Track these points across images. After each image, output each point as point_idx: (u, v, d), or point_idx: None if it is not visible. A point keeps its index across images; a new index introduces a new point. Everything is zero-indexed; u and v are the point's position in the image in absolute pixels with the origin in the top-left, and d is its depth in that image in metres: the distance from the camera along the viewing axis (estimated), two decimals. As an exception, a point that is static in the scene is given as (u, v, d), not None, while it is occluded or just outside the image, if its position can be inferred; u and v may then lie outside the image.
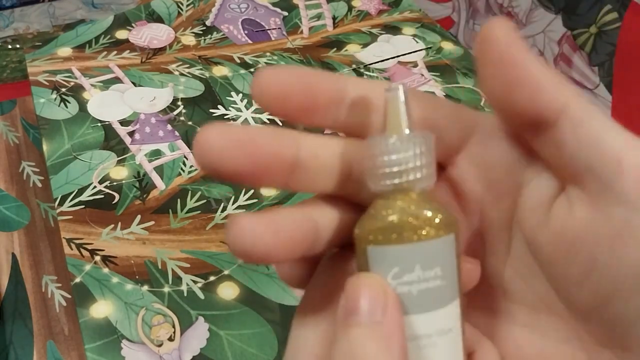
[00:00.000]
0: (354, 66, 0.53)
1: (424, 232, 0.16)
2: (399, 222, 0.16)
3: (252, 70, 0.51)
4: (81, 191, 0.40)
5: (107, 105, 0.46)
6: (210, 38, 0.54)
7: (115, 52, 0.51)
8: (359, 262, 0.17)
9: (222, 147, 0.15)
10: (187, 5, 0.57)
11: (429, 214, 0.16)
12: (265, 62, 0.52)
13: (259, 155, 0.15)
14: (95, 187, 0.41)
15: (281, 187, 0.16)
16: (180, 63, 0.51)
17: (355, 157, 0.17)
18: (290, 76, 0.16)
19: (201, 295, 0.35)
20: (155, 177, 0.42)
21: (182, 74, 0.50)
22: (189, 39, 0.54)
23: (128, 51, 0.51)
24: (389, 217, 0.16)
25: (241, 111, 0.47)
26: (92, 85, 0.48)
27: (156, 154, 0.43)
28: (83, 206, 0.39)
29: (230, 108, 0.48)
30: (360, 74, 0.52)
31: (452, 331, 0.16)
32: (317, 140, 0.17)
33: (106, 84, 0.48)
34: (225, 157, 0.15)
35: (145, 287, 0.35)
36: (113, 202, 0.40)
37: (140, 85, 0.48)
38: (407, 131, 0.16)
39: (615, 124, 0.15)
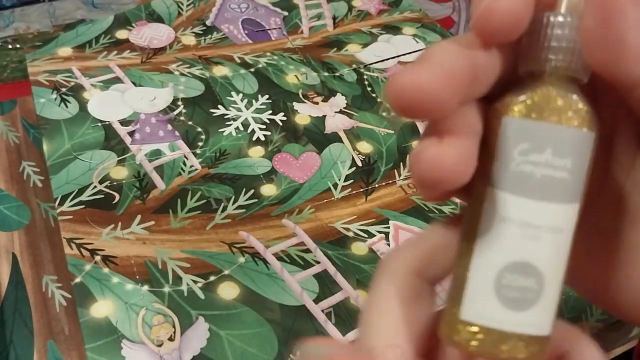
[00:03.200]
0: (354, 66, 0.53)
1: (566, 117, 0.15)
2: (545, 99, 0.15)
3: (252, 70, 0.51)
4: (81, 191, 0.40)
5: (107, 105, 0.46)
6: (211, 38, 0.54)
7: (115, 52, 0.51)
8: (489, 136, 0.16)
9: (416, 80, 0.15)
10: (188, 5, 0.57)
11: (579, 103, 0.15)
12: (266, 62, 0.52)
13: (447, 74, 0.15)
14: (95, 187, 0.41)
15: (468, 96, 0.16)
16: (181, 63, 0.51)
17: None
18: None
19: (201, 295, 0.35)
20: (156, 177, 0.42)
21: (182, 74, 0.50)
22: (189, 39, 0.54)
23: (128, 51, 0.51)
24: (536, 91, 0.15)
25: (241, 111, 0.47)
26: (92, 85, 0.48)
27: (156, 153, 0.43)
28: (83, 206, 0.39)
29: (230, 108, 0.48)
30: (360, 74, 0.52)
31: (563, 233, 0.16)
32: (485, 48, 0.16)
33: (106, 84, 0.48)
34: (423, 87, 0.15)
35: (146, 287, 0.35)
36: (113, 202, 0.40)
37: (140, 85, 0.48)
38: (578, 14, 0.15)
39: None
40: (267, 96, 0.49)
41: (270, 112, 0.48)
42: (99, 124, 0.45)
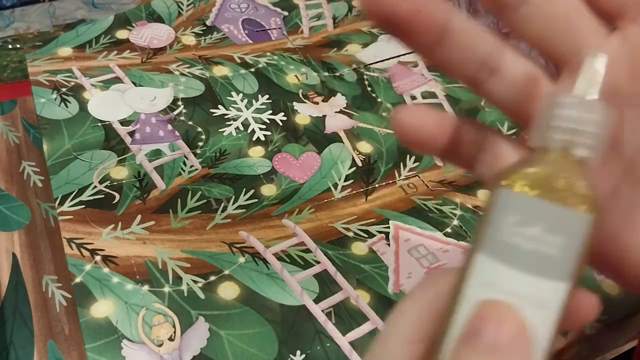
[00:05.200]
0: (354, 66, 0.53)
1: (563, 197, 0.16)
2: (544, 177, 0.16)
3: (252, 70, 0.51)
4: (81, 191, 0.40)
5: (108, 105, 0.46)
6: (211, 38, 0.54)
7: (115, 52, 0.51)
8: (487, 202, 0.17)
9: None
10: (188, 5, 0.57)
11: (579, 183, 0.16)
12: (266, 62, 0.52)
13: (421, 2, 0.18)
14: (95, 187, 0.41)
15: (429, 46, 0.19)
16: (181, 63, 0.51)
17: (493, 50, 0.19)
18: None
19: (201, 295, 0.35)
20: (156, 177, 0.42)
21: (182, 74, 0.50)
22: (189, 39, 0.54)
23: (128, 51, 0.51)
24: (539, 168, 0.16)
25: (241, 111, 0.47)
26: (92, 85, 0.48)
27: (156, 153, 0.43)
28: (83, 206, 0.39)
29: (230, 108, 0.48)
30: (360, 74, 0.52)
31: (546, 310, 0.16)
32: (467, 22, 0.19)
33: (106, 84, 0.48)
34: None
35: (146, 287, 0.35)
36: (113, 202, 0.40)
37: (140, 85, 0.48)
38: (595, 97, 0.16)
39: None
40: (267, 96, 0.49)
41: (271, 112, 0.48)
42: (99, 124, 0.45)
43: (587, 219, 0.16)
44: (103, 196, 0.40)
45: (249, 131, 0.46)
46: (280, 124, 0.47)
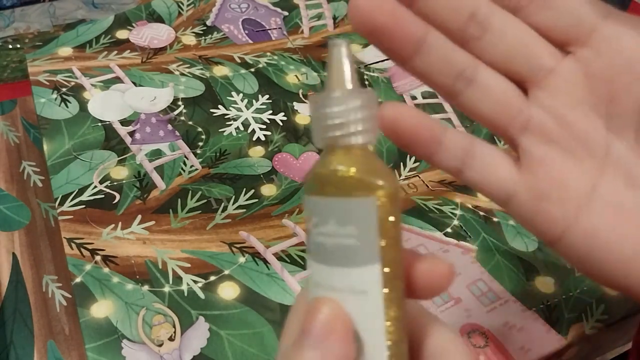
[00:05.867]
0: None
1: (342, 188, 0.16)
2: (323, 175, 0.17)
3: (252, 70, 0.51)
4: (82, 191, 0.40)
5: (108, 105, 0.46)
6: (211, 38, 0.54)
7: (115, 52, 0.51)
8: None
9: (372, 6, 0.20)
10: (188, 5, 0.57)
11: (352, 171, 0.16)
12: (266, 62, 0.52)
13: (398, 16, 0.20)
14: (95, 187, 0.41)
15: (407, 54, 0.21)
16: (181, 63, 0.51)
17: None
18: None
19: (202, 295, 0.35)
20: (156, 177, 0.42)
21: (182, 74, 0.50)
22: (189, 39, 0.54)
23: (128, 51, 0.51)
24: (318, 168, 0.17)
25: (242, 111, 0.47)
26: (92, 85, 0.48)
27: (156, 153, 0.43)
28: (83, 206, 0.39)
29: (230, 108, 0.48)
30: (360, 74, 0.52)
31: (368, 294, 0.16)
32: (443, 37, 0.21)
33: (107, 84, 0.48)
34: (373, 12, 0.20)
35: (146, 287, 0.35)
36: (113, 202, 0.40)
37: (140, 85, 0.48)
38: (348, 86, 0.17)
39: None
40: (267, 96, 0.49)
41: (271, 112, 0.48)
42: (99, 124, 0.45)
43: (372, 202, 0.16)
44: (103, 196, 0.40)
45: (249, 131, 0.46)
46: (281, 124, 0.47)
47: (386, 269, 0.16)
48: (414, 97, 0.51)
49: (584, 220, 0.20)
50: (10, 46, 0.53)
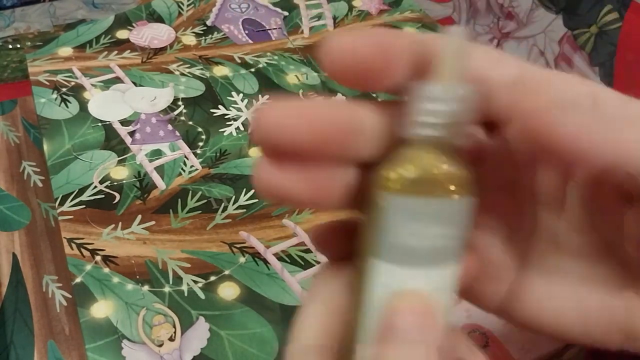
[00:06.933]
0: (354, 66, 0.53)
1: (442, 189, 0.16)
2: (421, 174, 0.16)
3: (252, 70, 0.51)
4: (82, 191, 0.40)
5: (108, 105, 0.46)
6: (211, 38, 0.54)
7: (115, 52, 0.51)
8: (370, 211, 0.16)
9: (281, 120, 0.15)
10: (188, 5, 0.57)
11: (455, 171, 0.16)
12: (266, 62, 0.52)
13: (317, 124, 0.15)
14: (95, 187, 0.41)
15: (339, 155, 0.16)
16: (181, 63, 0.51)
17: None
18: (362, 40, 0.16)
19: (202, 295, 0.35)
20: (156, 177, 0.42)
21: (182, 74, 0.50)
22: (189, 39, 0.54)
23: (129, 51, 0.51)
24: (414, 167, 0.16)
25: (242, 111, 0.47)
26: (92, 85, 0.48)
27: (157, 153, 0.43)
28: (84, 206, 0.39)
29: (230, 108, 0.48)
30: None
31: (444, 292, 0.16)
32: (370, 105, 0.17)
33: (107, 84, 0.48)
34: (285, 130, 0.15)
35: (146, 287, 0.35)
36: (114, 202, 0.40)
37: (140, 85, 0.48)
38: (454, 82, 0.16)
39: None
40: (267, 96, 0.49)
41: (271, 112, 0.48)
42: (100, 124, 0.45)
43: (468, 202, 0.16)
44: (103, 196, 0.40)
45: (249, 131, 0.46)
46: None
47: (459, 266, 0.17)
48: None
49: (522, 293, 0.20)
50: (10, 46, 0.53)
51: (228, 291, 0.36)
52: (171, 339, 0.33)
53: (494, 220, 0.19)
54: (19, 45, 0.53)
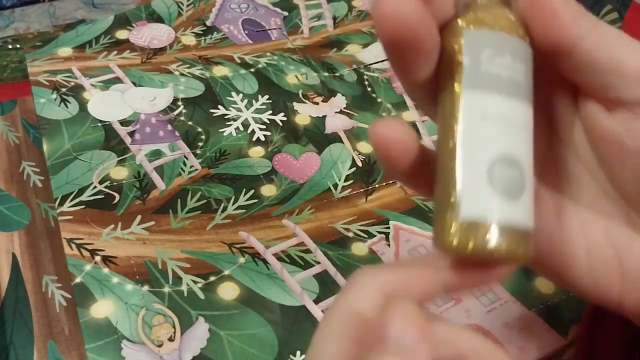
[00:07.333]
0: (354, 66, 0.53)
1: (519, 31, 0.18)
2: (502, 14, 0.18)
3: (252, 70, 0.51)
4: (81, 191, 0.40)
5: (108, 105, 0.46)
6: (211, 38, 0.54)
7: (115, 52, 0.51)
8: (450, 52, 0.18)
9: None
10: (188, 5, 0.57)
11: (518, 20, 0.18)
12: (266, 62, 0.52)
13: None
14: (95, 187, 0.41)
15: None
16: (181, 63, 0.51)
17: None
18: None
19: (201, 296, 0.35)
20: (156, 177, 0.42)
21: (182, 74, 0.50)
22: (189, 39, 0.54)
23: (128, 51, 0.51)
24: (494, 7, 0.18)
25: (241, 111, 0.47)
26: (92, 85, 0.48)
27: (156, 154, 0.43)
28: (83, 206, 0.39)
29: (230, 108, 0.48)
30: (360, 75, 0.52)
31: (527, 130, 0.17)
32: None
33: (106, 84, 0.48)
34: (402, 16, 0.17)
35: (146, 287, 0.35)
36: (113, 202, 0.40)
37: (140, 85, 0.48)
38: None
39: (629, 44, 0.18)
40: (267, 96, 0.49)
41: (270, 112, 0.48)
42: (99, 124, 0.45)
43: (530, 48, 0.18)
44: (103, 196, 0.40)
45: (249, 131, 0.46)
46: (280, 124, 0.47)
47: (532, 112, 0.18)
48: (413, 97, 0.51)
49: None
50: (10, 46, 0.53)
51: (228, 291, 0.36)
52: (171, 339, 0.33)
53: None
54: (18, 45, 0.53)
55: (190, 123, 0.46)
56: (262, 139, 0.45)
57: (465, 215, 0.16)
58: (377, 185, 0.43)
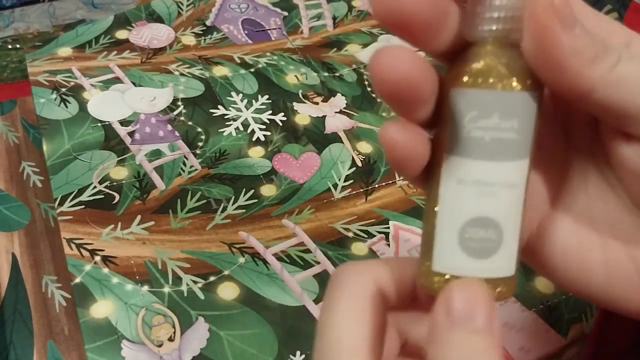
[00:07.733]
0: (354, 66, 0.53)
1: (509, 82, 0.16)
2: (488, 67, 0.16)
3: (252, 70, 0.51)
4: (81, 191, 0.40)
5: (108, 105, 0.46)
6: (211, 38, 0.54)
7: (115, 52, 0.51)
8: (443, 106, 0.17)
9: None
10: (187, 5, 0.57)
11: (520, 66, 0.17)
12: (266, 62, 0.52)
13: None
14: (95, 187, 0.41)
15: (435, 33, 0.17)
16: (181, 63, 0.51)
17: None
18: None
19: (201, 296, 0.35)
20: (156, 177, 0.42)
21: (182, 74, 0.50)
22: (189, 39, 0.54)
23: (128, 51, 0.51)
24: (479, 61, 0.17)
25: (241, 111, 0.47)
26: (92, 85, 0.48)
27: (156, 154, 0.43)
28: (83, 206, 0.39)
29: (230, 108, 0.48)
30: (360, 75, 0.52)
31: (516, 188, 0.17)
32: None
33: (106, 84, 0.48)
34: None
35: (146, 288, 0.35)
36: (113, 202, 0.40)
37: (140, 85, 0.48)
38: None
39: None
40: (267, 96, 0.49)
41: (270, 112, 0.48)
42: (99, 124, 0.45)
43: (536, 96, 0.17)
44: (103, 196, 0.40)
45: (248, 131, 0.46)
46: (280, 124, 0.47)
47: (529, 162, 0.17)
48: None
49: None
50: (10, 46, 0.53)
51: (227, 291, 0.36)
52: (171, 339, 0.33)
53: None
54: (18, 45, 0.53)
55: (190, 123, 0.46)
56: (262, 139, 0.45)
57: (437, 269, 0.18)
58: (376, 185, 0.43)
